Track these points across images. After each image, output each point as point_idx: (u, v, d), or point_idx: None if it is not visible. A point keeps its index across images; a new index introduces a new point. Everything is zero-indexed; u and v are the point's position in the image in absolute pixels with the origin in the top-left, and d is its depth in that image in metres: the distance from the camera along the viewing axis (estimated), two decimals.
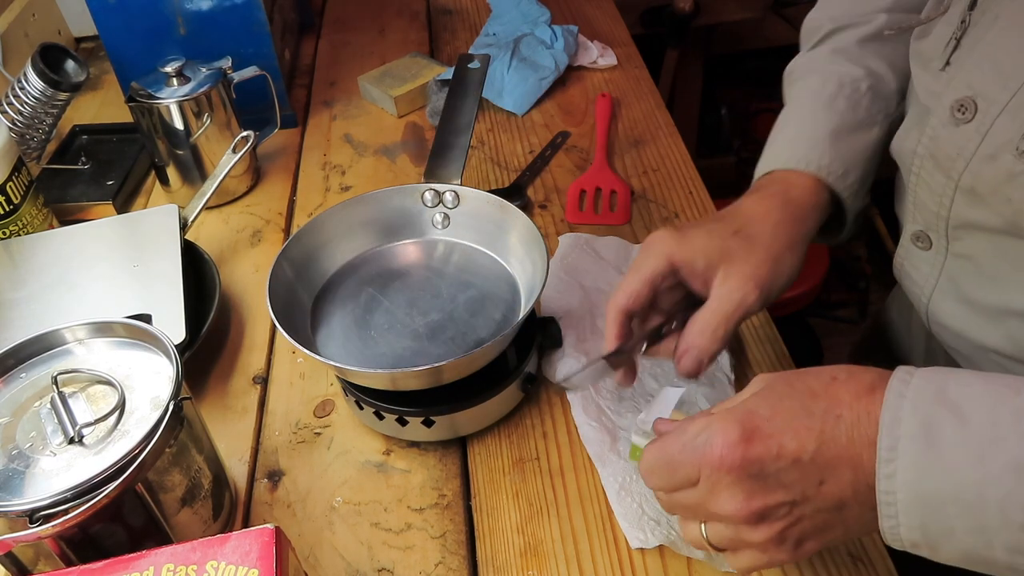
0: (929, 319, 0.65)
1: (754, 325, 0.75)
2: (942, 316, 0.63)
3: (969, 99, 0.53)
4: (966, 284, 0.60)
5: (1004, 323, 0.58)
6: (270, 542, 0.45)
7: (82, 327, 0.58)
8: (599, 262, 0.80)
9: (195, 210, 0.84)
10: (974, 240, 0.57)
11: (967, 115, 0.53)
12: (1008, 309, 0.57)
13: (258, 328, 0.81)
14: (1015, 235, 0.53)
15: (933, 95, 0.57)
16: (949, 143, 0.55)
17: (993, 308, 0.58)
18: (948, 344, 0.65)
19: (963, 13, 0.55)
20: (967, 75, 0.54)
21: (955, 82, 0.55)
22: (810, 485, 0.44)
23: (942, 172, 0.56)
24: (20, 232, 0.83)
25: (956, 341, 0.64)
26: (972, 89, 0.53)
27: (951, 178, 0.55)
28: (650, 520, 0.59)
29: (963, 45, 0.55)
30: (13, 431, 0.53)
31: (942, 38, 0.57)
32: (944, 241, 0.59)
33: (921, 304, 0.65)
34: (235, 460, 0.68)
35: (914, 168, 0.59)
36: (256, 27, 1.01)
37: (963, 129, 0.54)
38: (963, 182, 0.55)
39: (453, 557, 0.60)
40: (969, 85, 0.53)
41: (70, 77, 0.97)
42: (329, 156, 1.04)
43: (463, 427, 0.66)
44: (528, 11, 1.22)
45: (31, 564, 0.51)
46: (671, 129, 1.01)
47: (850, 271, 2.01)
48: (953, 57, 0.56)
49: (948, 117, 0.55)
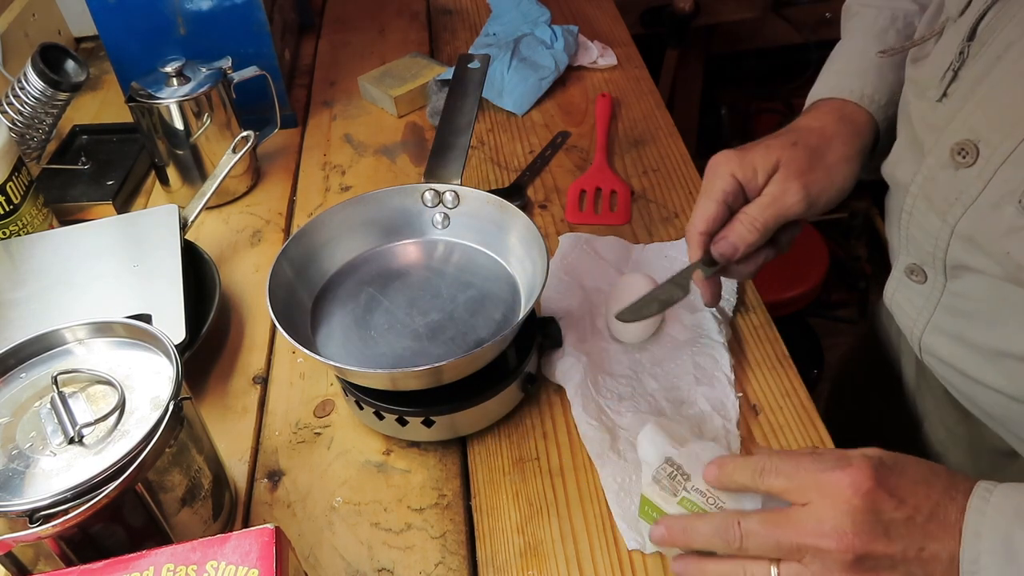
0: (922, 351, 0.64)
1: (754, 325, 0.75)
2: (935, 349, 0.62)
3: (970, 143, 0.51)
4: (962, 322, 0.58)
5: (1002, 363, 0.56)
6: (270, 542, 0.45)
7: (82, 327, 0.58)
8: (599, 262, 0.80)
9: (195, 210, 0.84)
10: (973, 281, 0.55)
11: (968, 159, 0.52)
12: (1007, 352, 0.55)
13: (258, 328, 0.81)
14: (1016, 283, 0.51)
15: (930, 128, 0.56)
16: (947, 187, 0.53)
17: (991, 349, 0.57)
18: (940, 375, 0.65)
19: (961, 43, 0.53)
20: (968, 116, 0.52)
21: (955, 122, 0.53)
22: (912, 547, 0.45)
23: (937, 215, 0.55)
24: (20, 232, 0.83)
25: (949, 373, 0.63)
26: (974, 132, 0.51)
27: (947, 223, 0.54)
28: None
29: (961, 78, 0.53)
30: (13, 431, 0.53)
31: (939, 67, 0.55)
32: (942, 279, 0.58)
33: (913, 336, 0.64)
34: (235, 460, 0.68)
35: (906, 206, 0.58)
36: (256, 27, 1.01)
37: (963, 174, 0.52)
38: (960, 228, 0.53)
39: (453, 557, 0.60)
40: (971, 128, 0.52)
41: (70, 77, 0.97)
42: (329, 156, 1.04)
43: (463, 427, 0.66)
44: (528, 11, 1.22)
45: (31, 564, 0.51)
46: (671, 129, 1.01)
47: (850, 271, 2.01)
48: (951, 89, 0.54)
49: (947, 159, 0.53)
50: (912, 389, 0.79)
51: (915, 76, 0.60)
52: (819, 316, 1.96)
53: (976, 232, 0.52)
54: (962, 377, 0.61)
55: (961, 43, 0.53)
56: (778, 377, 0.70)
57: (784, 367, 0.71)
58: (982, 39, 0.52)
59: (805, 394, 0.68)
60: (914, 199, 0.57)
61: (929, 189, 0.56)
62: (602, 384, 0.69)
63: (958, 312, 0.58)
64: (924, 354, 0.64)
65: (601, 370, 0.70)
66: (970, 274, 0.55)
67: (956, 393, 0.65)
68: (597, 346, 0.72)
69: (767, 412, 0.67)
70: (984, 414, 0.63)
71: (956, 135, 0.53)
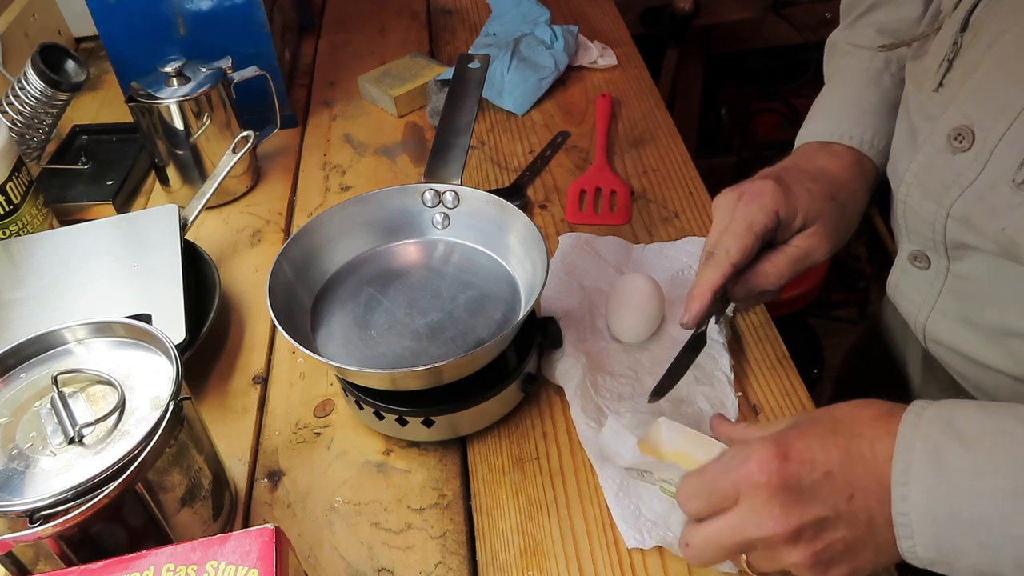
0: (926, 338, 0.65)
1: (754, 325, 0.75)
2: (940, 335, 0.63)
3: (966, 128, 0.53)
4: (966, 304, 0.59)
5: (1005, 342, 0.57)
6: (270, 542, 0.45)
7: (82, 327, 0.58)
8: (599, 262, 0.80)
9: (195, 210, 0.84)
10: (974, 260, 0.57)
11: (964, 143, 0.53)
12: (1009, 329, 0.56)
13: (258, 328, 0.81)
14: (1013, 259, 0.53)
15: (926, 117, 0.57)
16: (945, 171, 0.55)
17: (994, 328, 0.58)
18: (945, 361, 0.65)
19: (955, 34, 0.55)
20: (963, 103, 0.54)
21: (951, 109, 0.54)
22: (841, 499, 0.46)
23: (932, 200, 0.56)
24: (20, 232, 0.83)
25: (954, 359, 0.64)
26: (968, 118, 0.53)
27: (942, 206, 0.55)
28: (647, 521, 0.59)
29: (955, 67, 0.55)
30: (13, 431, 0.53)
31: (935, 59, 0.57)
32: (945, 260, 0.59)
33: (918, 323, 0.64)
34: (235, 460, 0.68)
35: (900, 195, 0.60)
36: (256, 27, 1.01)
37: (960, 158, 0.53)
38: (955, 210, 0.55)
39: (453, 557, 0.60)
40: (966, 114, 0.53)
41: (70, 77, 0.97)
42: (329, 156, 1.04)
43: (463, 427, 0.66)
44: (528, 11, 1.22)
45: (31, 564, 0.51)
46: (671, 129, 1.01)
47: (850, 271, 2.01)
48: (947, 79, 0.56)
49: (944, 145, 0.54)
50: (917, 386, 0.79)
51: (914, 71, 0.61)
52: (819, 316, 1.96)
53: (971, 212, 0.54)
54: (967, 361, 0.62)
55: (955, 34, 0.55)
56: (778, 377, 0.70)
57: (784, 367, 0.71)
58: (974, 29, 0.54)
59: (805, 394, 0.68)
60: (908, 187, 0.59)
61: (925, 176, 0.57)
62: (601, 384, 0.69)
63: (962, 294, 0.59)
64: (929, 342, 0.65)
65: (600, 370, 0.70)
66: (971, 253, 0.56)
67: (961, 379, 0.65)
68: (597, 345, 0.72)
69: (767, 412, 0.67)
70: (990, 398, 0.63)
71: (952, 121, 0.54)
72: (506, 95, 1.06)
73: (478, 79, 0.77)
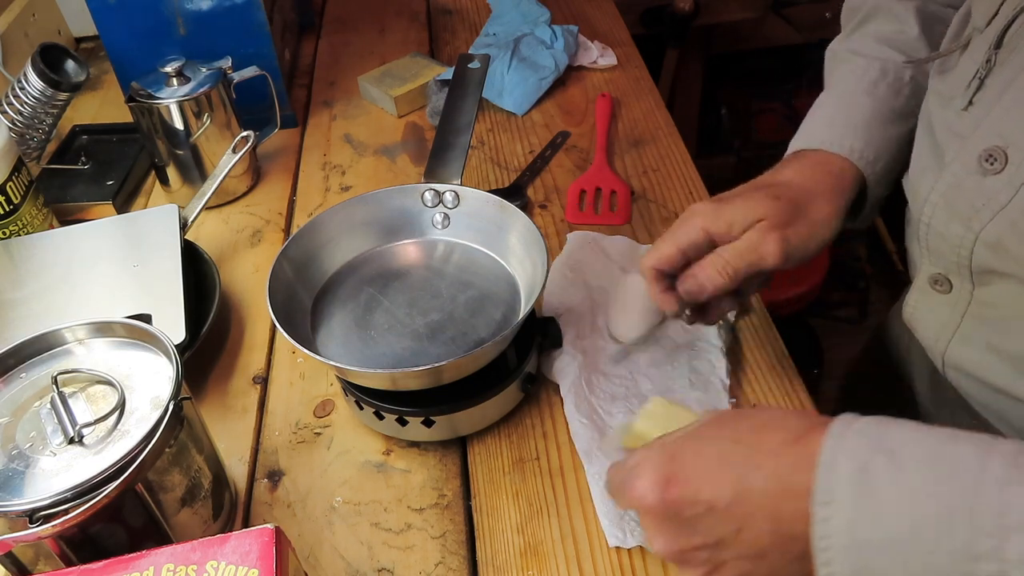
0: (945, 364, 0.63)
1: (754, 325, 0.75)
2: (961, 362, 0.61)
3: (999, 149, 0.51)
4: (991, 330, 0.57)
5: None
6: (270, 542, 0.45)
7: (82, 327, 0.58)
8: (606, 261, 0.80)
9: (195, 210, 0.84)
10: (1002, 286, 0.54)
11: (996, 166, 0.51)
12: None
13: (258, 328, 0.81)
14: None
15: (954, 136, 0.55)
16: (974, 193, 0.52)
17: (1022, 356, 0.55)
18: (964, 389, 0.63)
19: (988, 51, 0.52)
20: (996, 122, 0.51)
21: (982, 129, 0.52)
22: (727, 532, 0.44)
23: (960, 222, 0.54)
24: (20, 232, 0.83)
25: (975, 387, 0.62)
26: (1003, 138, 0.50)
27: (971, 229, 0.53)
28: (631, 520, 0.59)
29: (988, 85, 0.53)
30: (13, 431, 0.53)
31: (965, 75, 0.55)
32: (969, 285, 0.57)
33: (936, 349, 0.62)
34: (235, 460, 0.68)
35: (924, 216, 0.57)
36: (256, 27, 1.01)
37: (991, 180, 0.51)
38: (985, 235, 0.52)
39: (453, 557, 0.60)
40: (999, 134, 0.51)
41: (70, 77, 0.97)
42: (329, 156, 1.04)
43: (463, 427, 0.66)
44: (528, 11, 1.22)
45: (31, 564, 0.51)
46: (671, 129, 1.01)
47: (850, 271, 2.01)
48: (977, 97, 0.53)
49: (975, 166, 0.52)
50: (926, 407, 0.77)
51: (939, 87, 0.59)
52: (819, 316, 1.96)
53: (1003, 237, 0.51)
54: (989, 390, 0.60)
55: (988, 51, 0.53)
56: (778, 377, 0.70)
57: (784, 367, 0.71)
58: (1010, 46, 0.52)
59: (805, 394, 0.68)
60: (933, 208, 0.56)
61: (952, 197, 0.55)
62: (596, 384, 0.69)
63: (987, 320, 0.57)
64: (948, 368, 0.63)
65: (596, 369, 0.70)
66: (999, 279, 0.54)
67: (981, 408, 0.63)
68: (595, 344, 0.72)
69: None
70: (1011, 428, 0.61)
71: (984, 142, 0.52)
72: (506, 95, 1.06)
73: (478, 79, 0.77)
